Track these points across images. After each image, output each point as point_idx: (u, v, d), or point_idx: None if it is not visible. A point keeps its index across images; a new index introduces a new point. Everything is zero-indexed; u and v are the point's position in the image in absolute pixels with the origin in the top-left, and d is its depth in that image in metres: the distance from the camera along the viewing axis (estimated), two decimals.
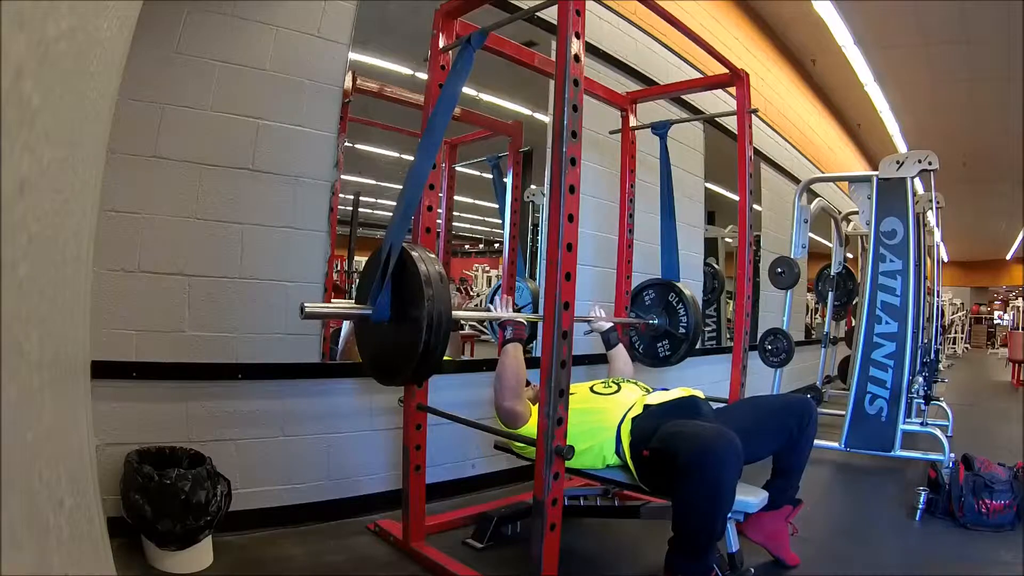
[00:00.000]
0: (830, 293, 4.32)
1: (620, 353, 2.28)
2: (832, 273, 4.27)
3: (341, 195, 2.15)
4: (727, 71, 2.26)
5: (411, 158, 1.65)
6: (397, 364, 1.50)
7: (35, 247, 0.45)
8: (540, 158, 2.96)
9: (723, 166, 3.61)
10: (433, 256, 1.51)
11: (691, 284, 3.38)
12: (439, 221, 2.87)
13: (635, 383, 1.94)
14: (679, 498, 1.47)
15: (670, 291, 2.50)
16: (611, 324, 2.30)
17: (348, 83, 2.15)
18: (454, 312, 1.47)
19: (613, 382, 1.93)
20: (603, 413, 1.76)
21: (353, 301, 1.73)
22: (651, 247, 3.13)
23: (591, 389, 1.89)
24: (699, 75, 3.63)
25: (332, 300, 2.23)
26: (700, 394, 1.87)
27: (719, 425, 1.52)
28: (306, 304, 1.40)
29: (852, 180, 3.18)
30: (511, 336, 1.81)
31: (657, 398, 1.79)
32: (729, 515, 1.57)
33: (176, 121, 1.80)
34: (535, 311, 3.10)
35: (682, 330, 2.45)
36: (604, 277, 2.84)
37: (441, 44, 1.82)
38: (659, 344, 2.52)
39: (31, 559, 0.44)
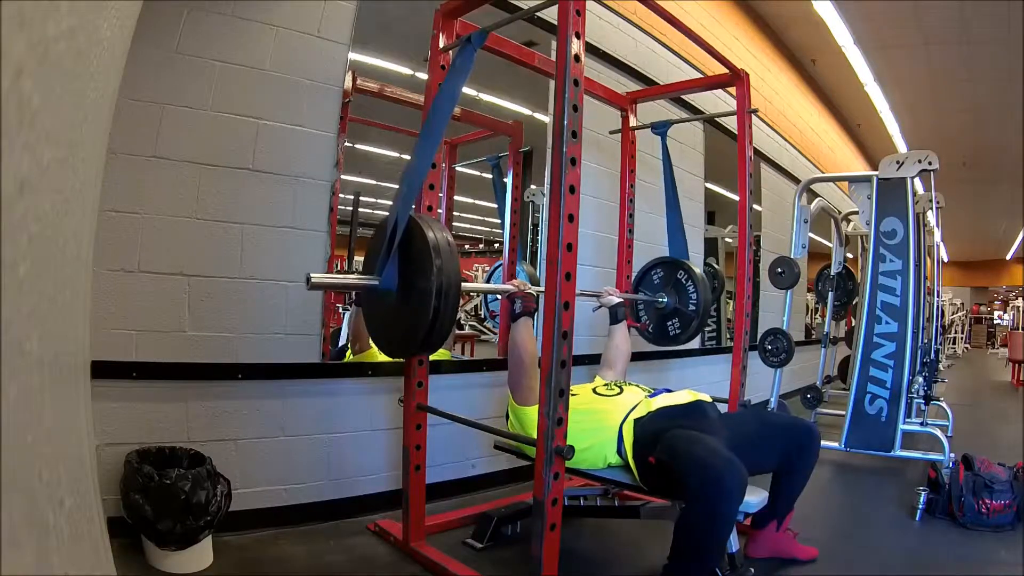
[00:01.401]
0: (830, 293, 4.31)
1: (620, 329, 2.26)
2: (832, 273, 4.26)
3: (341, 195, 2.15)
4: (727, 71, 2.26)
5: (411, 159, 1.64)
6: (407, 334, 1.48)
7: (35, 247, 0.45)
8: (540, 158, 2.96)
9: (723, 166, 3.61)
10: (441, 224, 1.49)
11: None
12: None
13: (637, 386, 1.94)
14: (682, 524, 1.47)
15: (679, 269, 2.47)
16: (620, 299, 2.27)
17: (348, 83, 2.16)
18: (463, 284, 1.45)
19: (616, 384, 1.93)
20: (605, 414, 1.76)
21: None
22: (651, 247, 3.13)
23: (594, 390, 1.89)
24: (699, 75, 3.63)
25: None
26: (707, 398, 1.86)
27: (728, 452, 1.50)
28: (312, 275, 1.39)
29: (852, 180, 3.18)
30: (520, 310, 1.77)
31: (663, 401, 1.78)
32: None
33: (176, 121, 1.80)
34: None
35: (691, 307, 2.42)
36: (604, 277, 2.84)
37: (441, 44, 1.82)
38: (669, 323, 2.48)
39: (31, 559, 0.44)
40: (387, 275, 1.48)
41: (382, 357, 2.23)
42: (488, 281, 3.37)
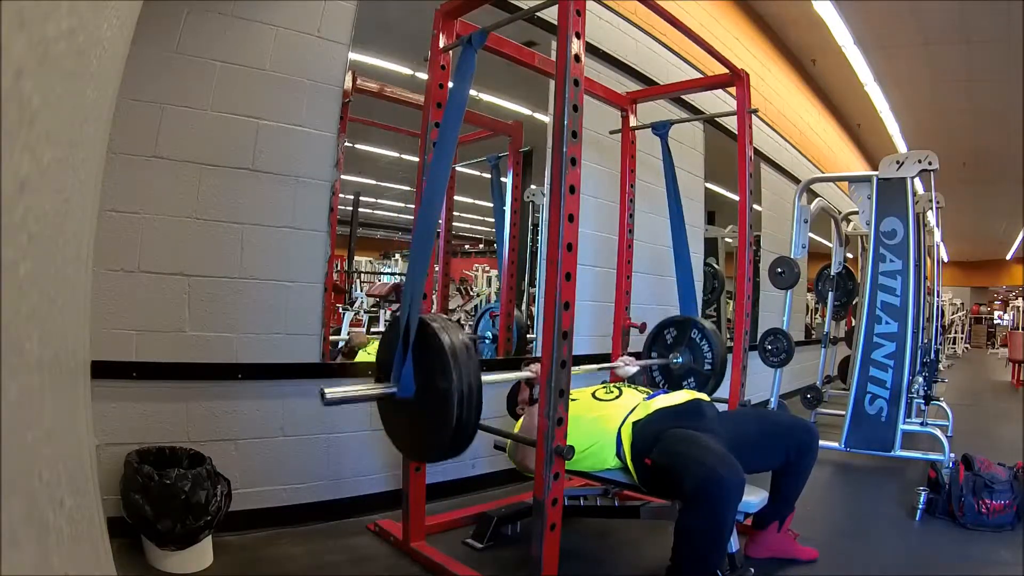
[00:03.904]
0: (830, 293, 4.32)
1: None
2: (832, 273, 4.27)
3: (341, 195, 2.15)
4: (727, 71, 2.26)
5: (412, 158, 1.64)
6: (429, 442, 1.44)
7: (35, 247, 0.45)
8: (540, 158, 2.96)
9: (723, 166, 3.61)
10: (455, 324, 1.45)
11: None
12: (439, 221, 2.88)
13: (635, 388, 1.93)
14: (682, 526, 1.47)
15: (691, 327, 2.39)
16: (637, 368, 2.21)
17: (348, 83, 2.16)
18: (483, 376, 1.40)
19: (615, 387, 1.91)
20: (603, 419, 1.75)
21: (373, 380, 1.61)
22: (651, 247, 3.14)
23: (593, 395, 1.88)
24: (699, 75, 3.63)
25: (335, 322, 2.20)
26: (704, 397, 1.86)
27: (725, 451, 1.50)
28: (327, 390, 1.34)
29: (852, 180, 3.18)
30: (538, 397, 1.76)
31: (661, 403, 1.77)
32: None
33: (176, 121, 1.80)
34: (520, 340, 3.08)
35: (707, 367, 2.33)
36: (604, 277, 2.84)
37: (441, 44, 1.82)
38: (684, 382, 2.39)
39: (31, 559, 0.44)
40: (404, 382, 1.42)
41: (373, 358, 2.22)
42: (479, 323, 3.34)
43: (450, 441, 1.37)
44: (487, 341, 3.19)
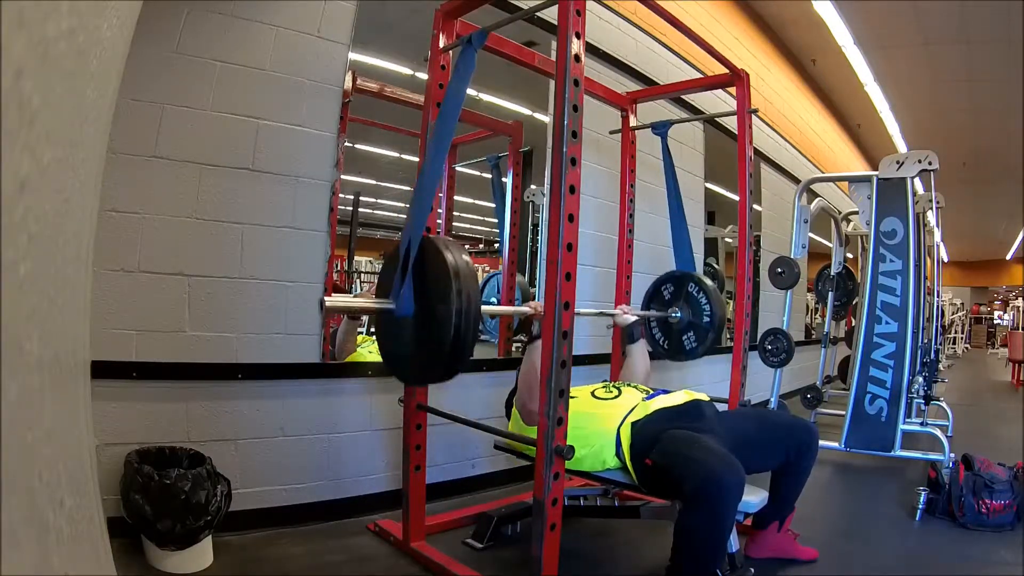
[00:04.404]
0: (830, 293, 4.32)
1: (639, 348, 2.20)
2: (832, 273, 4.27)
3: (341, 195, 2.15)
4: (727, 71, 2.26)
5: (412, 158, 1.64)
6: (428, 361, 1.44)
7: (35, 247, 0.45)
8: (540, 158, 2.96)
9: (723, 166, 3.61)
10: (457, 244, 1.45)
11: None
12: (439, 221, 2.88)
13: (635, 387, 1.93)
14: (681, 526, 1.47)
15: (689, 282, 2.39)
16: (635, 318, 2.20)
17: (348, 83, 2.16)
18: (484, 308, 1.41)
19: (614, 386, 1.91)
20: (603, 418, 1.75)
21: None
22: (651, 247, 3.13)
23: (592, 394, 1.88)
24: (699, 75, 3.63)
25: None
26: (704, 397, 1.86)
27: (725, 451, 1.50)
28: (325, 299, 1.36)
29: (852, 180, 3.18)
30: (538, 332, 1.71)
31: (659, 403, 1.77)
32: None
33: (176, 121, 1.81)
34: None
35: (706, 319, 2.32)
36: (604, 277, 2.84)
37: (441, 44, 1.82)
38: (684, 336, 2.38)
39: (31, 559, 0.44)
40: (403, 300, 1.42)
41: (372, 358, 2.22)
42: (483, 288, 3.35)
43: (447, 359, 1.37)
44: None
